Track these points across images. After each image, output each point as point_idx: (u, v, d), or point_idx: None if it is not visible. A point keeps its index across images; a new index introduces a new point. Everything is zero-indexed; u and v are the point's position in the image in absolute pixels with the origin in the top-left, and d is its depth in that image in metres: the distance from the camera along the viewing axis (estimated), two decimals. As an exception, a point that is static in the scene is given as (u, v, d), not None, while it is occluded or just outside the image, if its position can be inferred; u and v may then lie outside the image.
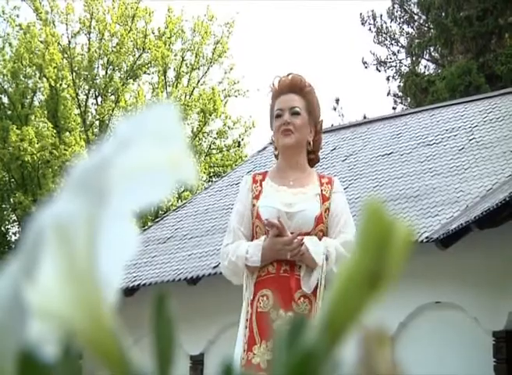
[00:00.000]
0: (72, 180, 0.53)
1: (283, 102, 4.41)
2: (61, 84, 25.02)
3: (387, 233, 0.51)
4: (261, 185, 4.34)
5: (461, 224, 10.72)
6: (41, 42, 24.90)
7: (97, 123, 26.26)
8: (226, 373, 0.53)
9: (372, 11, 28.25)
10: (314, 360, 0.51)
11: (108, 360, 0.53)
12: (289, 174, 4.39)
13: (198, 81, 26.62)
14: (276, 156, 4.60)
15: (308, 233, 4.18)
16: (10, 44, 25.43)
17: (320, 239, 4.19)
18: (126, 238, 0.59)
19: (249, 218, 4.27)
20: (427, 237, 10.73)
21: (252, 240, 4.24)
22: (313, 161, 4.53)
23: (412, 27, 27.94)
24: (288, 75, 4.50)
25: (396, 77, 28.08)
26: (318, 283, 4.11)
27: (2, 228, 26.03)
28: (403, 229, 0.52)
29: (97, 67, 25.92)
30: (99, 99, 26.35)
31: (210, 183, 21.06)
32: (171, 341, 0.53)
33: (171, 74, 26.65)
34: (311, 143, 4.45)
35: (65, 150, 23.47)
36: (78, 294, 0.53)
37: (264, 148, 17.10)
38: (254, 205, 4.27)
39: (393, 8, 27.87)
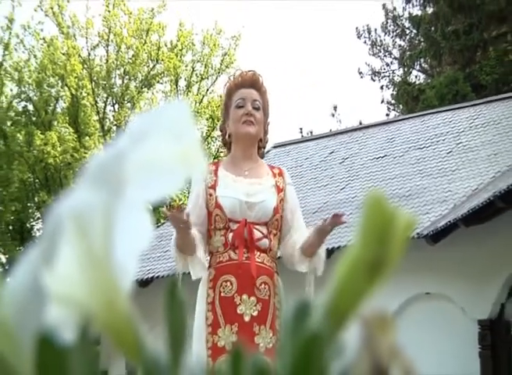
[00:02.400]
0: (90, 173, 0.52)
1: (245, 94, 4.28)
2: (81, 93, 25.05)
3: (388, 224, 0.50)
4: (215, 175, 4.21)
5: (449, 221, 10.73)
6: (63, 54, 24.92)
7: (114, 128, 26.25)
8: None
9: (367, 25, 28.34)
10: (318, 344, 0.49)
11: (124, 344, 0.52)
12: (243, 164, 4.27)
13: (207, 90, 26.65)
14: (226, 145, 4.44)
15: (266, 223, 4.10)
16: (35, 56, 25.49)
17: (278, 226, 4.14)
18: (140, 228, 0.58)
19: (202, 207, 4.13)
20: (418, 234, 10.72)
21: (209, 227, 4.13)
22: (260, 155, 4.38)
23: (404, 40, 27.96)
24: (249, 71, 4.41)
25: (390, 86, 28.11)
26: (275, 272, 4.09)
27: (27, 225, 26.08)
28: (404, 219, 0.51)
29: (115, 77, 25.96)
30: (116, 106, 26.37)
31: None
32: (182, 327, 0.51)
33: (182, 83, 26.68)
34: (262, 140, 4.35)
35: (85, 153, 23.51)
36: (95, 281, 0.52)
37: (268, 152, 17.06)
38: (210, 195, 4.14)
39: (387, 22, 27.90)
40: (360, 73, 28.79)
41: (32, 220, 26.39)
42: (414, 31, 27.29)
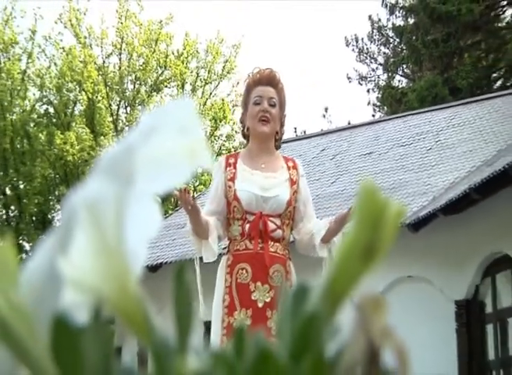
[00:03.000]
0: (102, 165, 0.51)
1: (262, 91, 4.22)
2: (97, 97, 25.10)
3: (381, 212, 0.49)
4: (234, 167, 4.18)
5: (429, 212, 10.73)
6: (81, 62, 24.98)
7: (126, 128, 26.32)
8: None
9: (355, 34, 28.40)
10: (316, 324, 0.48)
11: (134, 325, 0.51)
12: (260, 157, 4.23)
13: (210, 93, 26.69)
14: (245, 137, 4.41)
15: (280, 215, 4.09)
16: (55, 64, 25.55)
17: (291, 216, 4.14)
18: (149, 217, 0.57)
19: (221, 196, 4.12)
20: (401, 223, 10.71)
21: (228, 216, 4.13)
22: (276, 147, 4.34)
23: (388, 48, 27.96)
24: (267, 69, 4.34)
25: (375, 90, 28.13)
26: (287, 259, 4.11)
27: (49, 216, 26.14)
28: (395, 208, 0.50)
29: (127, 82, 26.02)
30: (128, 109, 26.41)
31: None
32: (189, 307, 0.50)
33: (188, 88, 26.68)
34: (278, 132, 4.30)
35: (100, 151, 23.59)
36: (107, 267, 0.50)
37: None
38: (230, 187, 4.11)
39: (372, 32, 27.93)
40: (348, 77, 28.83)
41: (53, 212, 26.43)
42: (397, 40, 27.32)
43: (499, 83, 25.57)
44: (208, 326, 4.06)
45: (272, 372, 0.44)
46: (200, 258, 4.17)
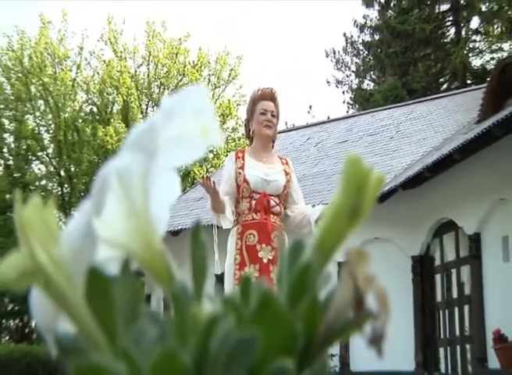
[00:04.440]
0: (130, 140, 0.48)
1: (266, 106, 4.44)
2: (130, 99, 25.08)
3: (364, 178, 0.47)
4: (243, 159, 4.39)
5: (391, 187, 10.74)
6: (117, 71, 24.98)
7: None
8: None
9: (333, 48, 28.47)
10: (310, 273, 0.46)
11: (158, 276, 0.49)
12: (262, 153, 4.44)
13: (219, 95, 26.67)
14: (249, 137, 4.61)
15: (278, 195, 4.29)
16: (98, 73, 25.53)
17: (286, 198, 4.36)
18: (170, 187, 0.55)
19: (233, 180, 4.30)
20: (369, 195, 10.75)
21: (238, 196, 4.30)
22: (272, 147, 4.56)
23: (359, 59, 27.93)
24: (267, 88, 4.57)
25: (349, 91, 28.14)
26: (283, 229, 4.29)
27: (94, 192, 26.20)
28: (376, 176, 0.47)
29: (154, 87, 25.99)
30: (155, 108, 26.43)
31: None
32: (203, 262, 0.47)
33: (201, 91, 26.75)
34: (275, 136, 4.55)
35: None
36: (135, 227, 0.48)
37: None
38: (239, 173, 4.31)
39: (346, 46, 27.93)
40: (328, 82, 28.84)
41: (97, 189, 26.48)
42: (366, 52, 27.32)
43: (445, 85, 25.58)
44: (219, 278, 4.21)
45: (273, 314, 0.42)
46: (216, 227, 4.41)
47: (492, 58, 24.18)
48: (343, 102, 28.61)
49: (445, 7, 26.02)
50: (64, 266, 0.43)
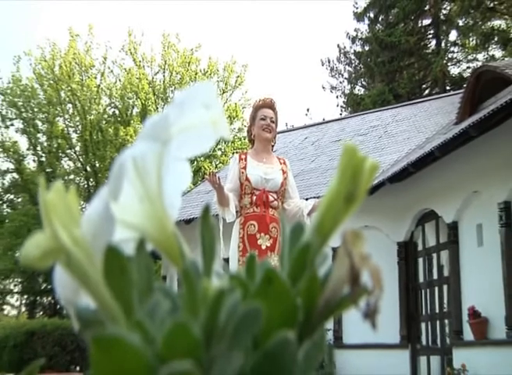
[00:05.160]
0: (145, 130, 0.46)
1: (266, 113, 4.53)
2: (148, 103, 25.07)
3: (359, 166, 0.44)
4: (245, 160, 4.48)
5: (380, 181, 10.70)
6: (137, 78, 24.97)
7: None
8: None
9: (327, 57, 28.34)
10: (309, 252, 0.44)
11: (171, 255, 0.47)
12: (262, 154, 4.51)
13: (227, 99, 26.62)
14: (250, 140, 4.68)
15: (276, 191, 4.38)
16: (119, 80, 25.50)
17: (283, 194, 4.44)
18: (182, 175, 0.53)
19: (236, 179, 4.40)
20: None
21: (241, 192, 4.39)
22: (272, 148, 4.64)
23: (351, 67, 27.83)
24: (268, 98, 4.65)
25: (342, 96, 28.05)
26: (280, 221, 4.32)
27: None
28: (370, 164, 0.45)
29: (169, 92, 25.94)
30: (170, 111, 26.44)
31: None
32: (213, 241, 0.45)
33: (211, 96, 26.72)
34: (273, 140, 4.63)
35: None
36: (149, 210, 0.46)
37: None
38: (242, 173, 4.39)
39: (340, 56, 27.83)
40: (323, 87, 28.76)
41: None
42: (357, 61, 27.23)
43: (427, 91, 25.50)
44: (224, 261, 4.28)
45: (276, 289, 0.40)
46: (221, 219, 4.42)
47: (468, 67, 24.16)
48: (337, 106, 28.56)
49: (427, 21, 25.99)
50: (84, 245, 0.42)
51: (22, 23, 55.11)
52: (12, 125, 24.41)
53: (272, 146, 4.62)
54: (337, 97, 28.41)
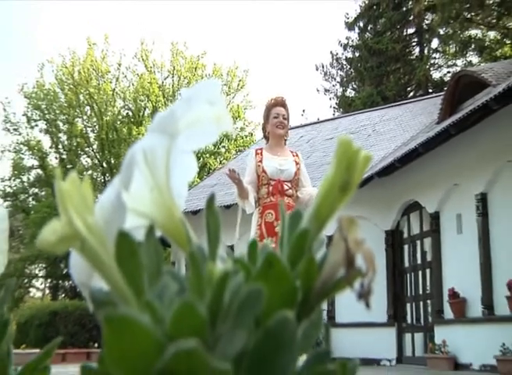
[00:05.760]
0: (153, 125, 0.45)
1: (279, 111, 4.53)
2: (158, 105, 25.01)
3: (353, 157, 0.43)
4: (261, 154, 4.47)
5: (369, 175, 10.69)
6: (148, 83, 24.91)
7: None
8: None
9: (322, 63, 28.23)
10: (307, 238, 0.43)
11: (178, 240, 0.46)
12: (276, 149, 4.51)
13: (229, 101, 26.56)
14: (265, 137, 4.66)
15: (290, 181, 4.36)
16: (133, 84, 25.44)
17: (297, 183, 4.43)
18: (188, 167, 0.51)
19: (254, 172, 4.40)
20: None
21: (258, 183, 4.37)
22: (284, 143, 4.62)
23: (342, 72, 27.73)
24: (279, 97, 4.65)
25: (334, 98, 27.97)
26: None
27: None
28: (363, 155, 0.44)
29: (177, 95, 25.89)
30: (179, 112, 26.37)
31: (236, 155, 20.94)
32: (217, 227, 0.44)
33: (216, 99, 26.65)
34: (286, 136, 4.63)
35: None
36: (158, 199, 0.45)
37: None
38: (259, 166, 4.38)
39: (333, 61, 27.72)
40: (318, 90, 28.69)
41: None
42: (348, 66, 27.16)
43: (411, 93, 25.44)
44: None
45: (276, 272, 0.39)
46: (241, 210, 4.47)
47: (449, 72, 24.14)
48: (330, 107, 28.61)
49: (411, 30, 25.96)
50: (97, 231, 0.41)
51: (22, 23, 53.81)
52: (36, 126, 24.53)
53: (285, 140, 4.61)
54: (330, 99, 28.38)
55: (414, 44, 25.98)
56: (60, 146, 24.81)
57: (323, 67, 28.07)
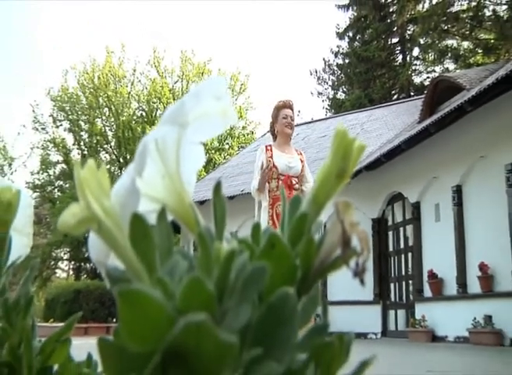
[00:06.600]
0: (165, 116, 0.43)
1: (287, 112, 4.59)
2: (169, 106, 24.96)
3: (349, 147, 0.42)
4: (271, 150, 4.48)
5: (358, 169, 10.67)
6: (160, 87, 24.85)
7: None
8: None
9: (315, 68, 28.16)
10: (306, 220, 0.41)
11: (188, 223, 0.44)
12: (284, 147, 4.54)
13: (233, 103, 26.48)
14: (273, 135, 4.65)
15: (297, 177, 4.42)
16: (146, 88, 25.37)
17: (302, 178, 4.47)
18: (196, 157, 0.50)
19: (264, 166, 4.43)
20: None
21: (269, 177, 4.39)
22: (290, 141, 4.66)
23: (334, 76, 27.62)
24: (287, 100, 4.70)
25: (327, 100, 27.92)
26: None
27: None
28: (358, 145, 0.42)
29: (186, 98, 25.84)
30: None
31: (238, 151, 20.89)
32: (223, 210, 0.43)
33: (220, 101, 26.57)
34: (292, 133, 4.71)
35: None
36: (169, 185, 0.43)
37: (264, 135, 16.96)
38: (269, 161, 4.39)
39: (325, 67, 27.63)
40: (311, 93, 28.86)
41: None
42: (339, 72, 27.07)
43: (395, 96, 25.38)
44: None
45: (278, 251, 0.38)
46: (257, 202, 4.48)
47: (428, 77, 24.11)
48: (323, 108, 28.55)
49: (395, 40, 25.93)
50: (113, 214, 0.39)
51: (22, 23, 51.71)
52: (61, 125, 24.60)
53: (290, 139, 4.63)
54: (323, 101, 28.33)
55: (397, 52, 25.92)
56: (82, 143, 24.84)
57: (316, 72, 27.99)
